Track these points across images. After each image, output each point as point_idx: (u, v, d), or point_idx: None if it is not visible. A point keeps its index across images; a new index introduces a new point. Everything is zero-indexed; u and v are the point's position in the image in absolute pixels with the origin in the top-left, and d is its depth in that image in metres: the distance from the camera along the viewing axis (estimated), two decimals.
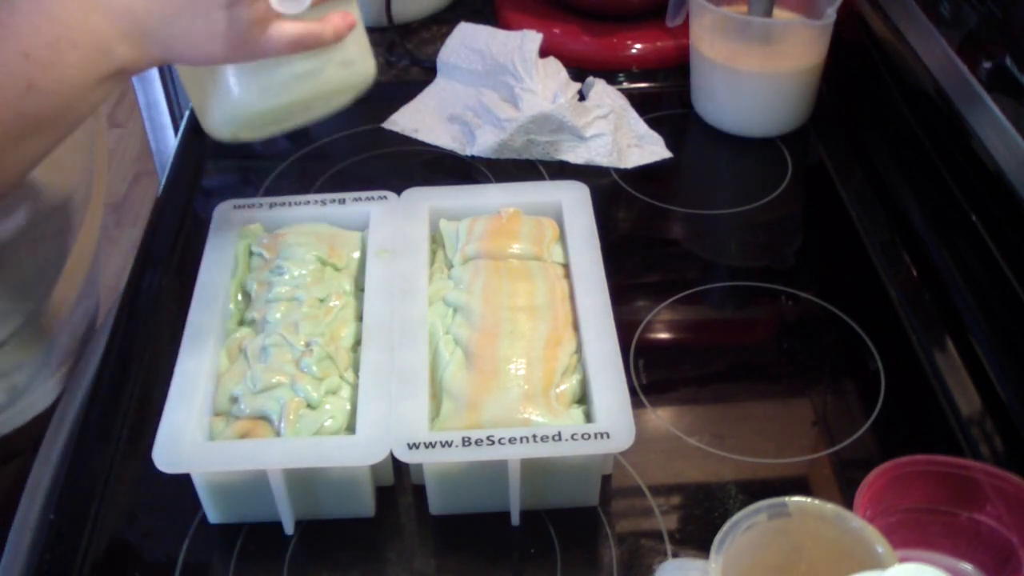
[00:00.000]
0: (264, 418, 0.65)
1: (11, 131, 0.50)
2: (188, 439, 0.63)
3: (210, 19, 0.55)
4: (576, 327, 0.71)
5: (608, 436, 0.62)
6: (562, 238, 0.78)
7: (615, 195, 0.94)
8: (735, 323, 0.87)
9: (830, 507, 0.52)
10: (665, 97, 1.05)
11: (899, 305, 0.81)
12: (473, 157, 0.97)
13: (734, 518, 0.51)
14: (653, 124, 1.00)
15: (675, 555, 0.64)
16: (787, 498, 0.52)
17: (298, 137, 0.99)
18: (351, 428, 0.65)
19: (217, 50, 0.56)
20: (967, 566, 0.61)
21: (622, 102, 1.00)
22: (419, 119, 1.01)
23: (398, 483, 0.69)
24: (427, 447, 0.62)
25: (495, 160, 0.97)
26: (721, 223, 0.93)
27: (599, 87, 1.00)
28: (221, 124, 0.66)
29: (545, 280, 0.74)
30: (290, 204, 0.80)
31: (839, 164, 0.99)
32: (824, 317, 0.82)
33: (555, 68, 0.99)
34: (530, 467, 0.63)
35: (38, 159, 0.55)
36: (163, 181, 0.96)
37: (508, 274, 0.74)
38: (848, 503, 0.56)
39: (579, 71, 1.02)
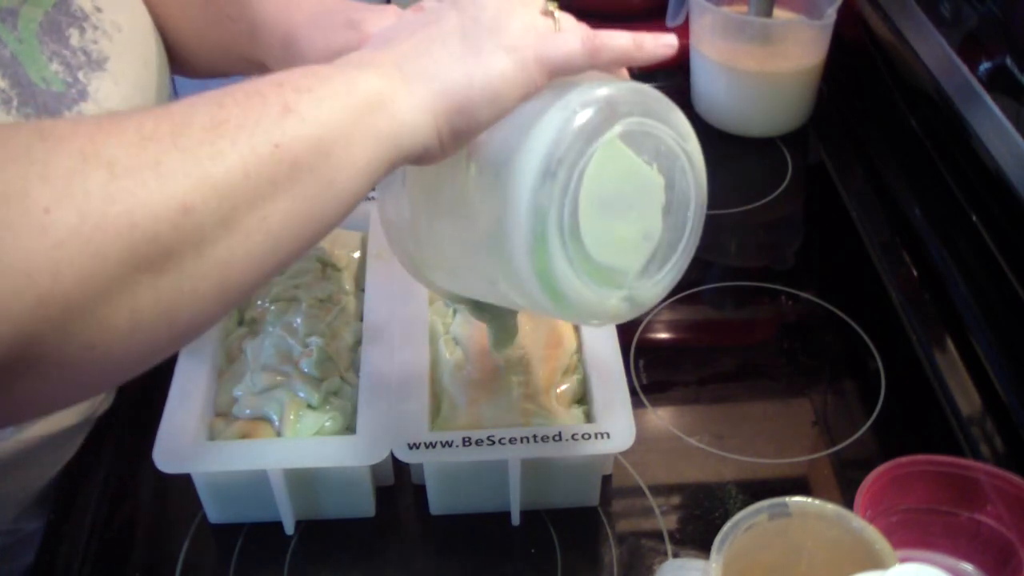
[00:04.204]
0: (264, 418, 0.65)
1: (265, 170, 0.41)
2: (188, 439, 0.63)
3: (469, 33, 0.48)
4: (576, 327, 0.71)
5: (608, 436, 0.62)
6: None
7: None
8: (735, 323, 0.87)
9: (831, 507, 0.52)
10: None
11: (899, 305, 0.81)
12: None
13: (734, 518, 0.51)
14: None
15: (675, 555, 0.64)
16: (787, 498, 0.52)
17: None
18: (351, 428, 0.65)
19: (497, 65, 0.47)
20: (967, 566, 0.61)
21: None
22: None
23: (398, 483, 0.69)
24: (427, 447, 0.62)
25: None
26: (721, 223, 0.93)
27: None
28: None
29: None
30: None
31: (839, 164, 0.99)
32: (824, 317, 0.82)
33: None
34: (530, 467, 0.63)
35: (285, 239, 0.43)
36: None
37: None
38: (848, 503, 0.56)
39: None
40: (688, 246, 0.55)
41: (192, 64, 0.76)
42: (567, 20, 0.51)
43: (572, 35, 0.49)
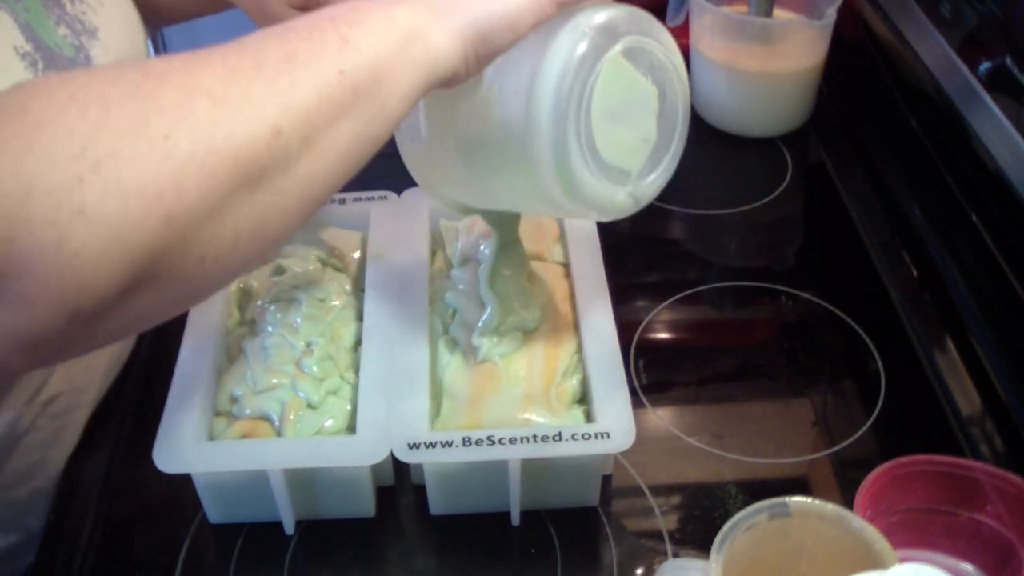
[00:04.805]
0: (264, 418, 0.65)
1: (334, 95, 0.46)
2: (188, 439, 0.63)
3: None
4: (576, 327, 0.71)
5: (608, 436, 0.62)
6: (562, 238, 0.78)
7: None
8: (735, 323, 0.87)
9: (831, 507, 0.52)
10: None
11: (899, 305, 0.81)
12: None
13: (734, 518, 0.51)
14: None
15: (675, 555, 0.64)
16: (788, 498, 0.52)
17: None
18: (351, 428, 0.65)
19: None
20: (967, 566, 0.61)
21: None
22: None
23: (398, 483, 0.69)
24: (427, 447, 0.62)
25: None
26: (721, 223, 0.93)
27: None
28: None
29: (545, 280, 0.74)
30: None
31: (839, 164, 0.99)
32: (824, 317, 0.82)
33: None
34: (530, 467, 0.63)
35: (348, 158, 0.48)
36: None
37: None
38: (848, 503, 0.56)
39: None
40: (677, 147, 0.62)
41: (162, 12, 0.78)
42: None
43: None
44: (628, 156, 0.60)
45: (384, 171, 0.95)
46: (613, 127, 0.58)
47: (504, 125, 0.57)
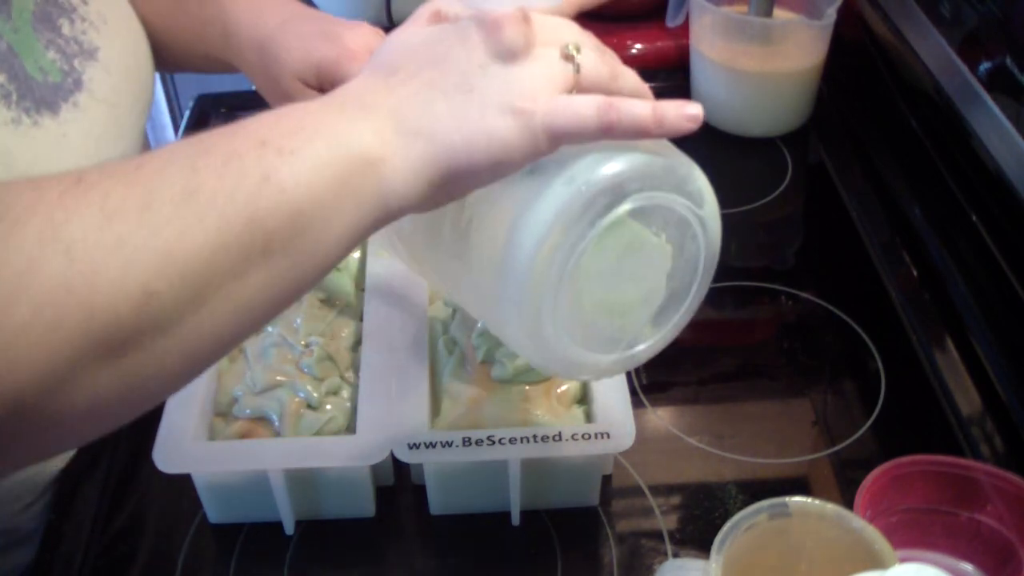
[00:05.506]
0: (264, 418, 0.65)
1: (236, 246, 0.38)
2: (188, 439, 0.63)
3: (476, 86, 0.44)
4: None
5: (608, 436, 0.62)
6: None
7: None
8: (735, 323, 0.87)
9: (830, 507, 0.52)
10: (665, 97, 1.05)
11: (899, 305, 0.81)
12: None
13: (734, 518, 0.51)
14: None
15: (675, 555, 0.64)
16: (787, 498, 0.52)
17: None
18: (351, 428, 0.65)
19: (500, 131, 0.43)
20: (967, 566, 0.61)
21: None
22: None
23: (398, 483, 0.69)
24: (427, 447, 0.62)
25: None
26: (721, 223, 0.93)
27: None
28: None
29: None
30: None
31: (839, 164, 0.99)
32: (824, 317, 0.82)
33: None
34: (530, 467, 0.63)
35: (256, 311, 0.40)
36: None
37: None
38: (848, 503, 0.56)
39: None
40: (690, 307, 0.53)
41: (169, 61, 0.76)
42: (589, 62, 0.47)
43: (588, 102, 0.45)
44: (621, 321, 0.51)
45: None
46: (605, 291, 0.49)
47: (480, 264, 0.49)
